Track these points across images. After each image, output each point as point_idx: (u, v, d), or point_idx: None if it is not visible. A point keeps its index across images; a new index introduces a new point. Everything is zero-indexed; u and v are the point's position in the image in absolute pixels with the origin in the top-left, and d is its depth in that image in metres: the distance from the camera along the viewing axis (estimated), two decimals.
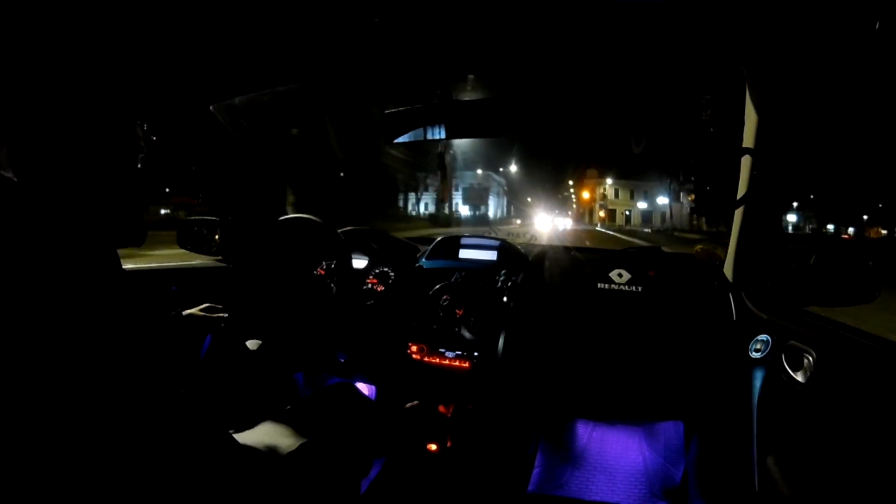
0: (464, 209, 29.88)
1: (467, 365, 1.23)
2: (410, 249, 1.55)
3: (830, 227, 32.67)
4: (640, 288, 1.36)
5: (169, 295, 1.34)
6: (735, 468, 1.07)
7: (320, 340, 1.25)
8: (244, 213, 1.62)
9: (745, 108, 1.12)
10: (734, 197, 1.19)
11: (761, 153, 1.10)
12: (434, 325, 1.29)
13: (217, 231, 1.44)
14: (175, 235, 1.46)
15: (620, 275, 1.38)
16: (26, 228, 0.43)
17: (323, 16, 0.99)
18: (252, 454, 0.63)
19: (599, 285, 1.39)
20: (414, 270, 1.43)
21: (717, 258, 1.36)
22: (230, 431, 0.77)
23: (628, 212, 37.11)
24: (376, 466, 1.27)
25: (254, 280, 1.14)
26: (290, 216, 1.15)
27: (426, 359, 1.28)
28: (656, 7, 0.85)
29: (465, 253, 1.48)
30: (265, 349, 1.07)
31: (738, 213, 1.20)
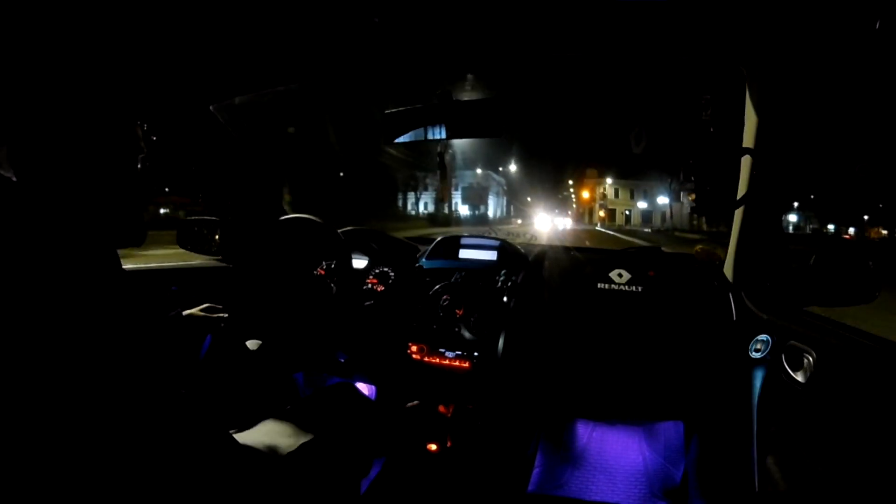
0: (463, 209, 29.88)
1: (467, 365, 1.23)
2: (410, 249, 1.55)
3: (831, 228, 32.60)
4: (640, 288, 1.36)
5: (169, 295, 1.34)
6: (735, 468, 1.07)
7: (320, 340, 1.25)
8: (244, 213, 1.62)
9: (745, 108, 1.12)
10: (734, 197, 1.19)
11: (761, 153, 1.11)
12: (434, 325, 1.29)
13: (217, 231, 1.44)
14: (175, 235, 1.46)
15: (620, 275, 1.39)
16: (26, 228, 0.43)
17: (323, 16, 0.99)
18: (252, 454, 0.64)
19: (599, 285, 1.39)
20: (414, 270, 1.43)
21: (717, 258, 1.36)
22: (230, 431, 0.77)
23: (628, 211, 37.02)
24: (376, 466, 1.27)
25: (254, 280, 1.14)
26: (291, 216, 1.15)
27: (426, 359, 1.28)
28: (656, 7, 0.85)
29: (465, 253, 1.48)
30: (265, 349, 1.07)
31: (738, 213, 1.20)
